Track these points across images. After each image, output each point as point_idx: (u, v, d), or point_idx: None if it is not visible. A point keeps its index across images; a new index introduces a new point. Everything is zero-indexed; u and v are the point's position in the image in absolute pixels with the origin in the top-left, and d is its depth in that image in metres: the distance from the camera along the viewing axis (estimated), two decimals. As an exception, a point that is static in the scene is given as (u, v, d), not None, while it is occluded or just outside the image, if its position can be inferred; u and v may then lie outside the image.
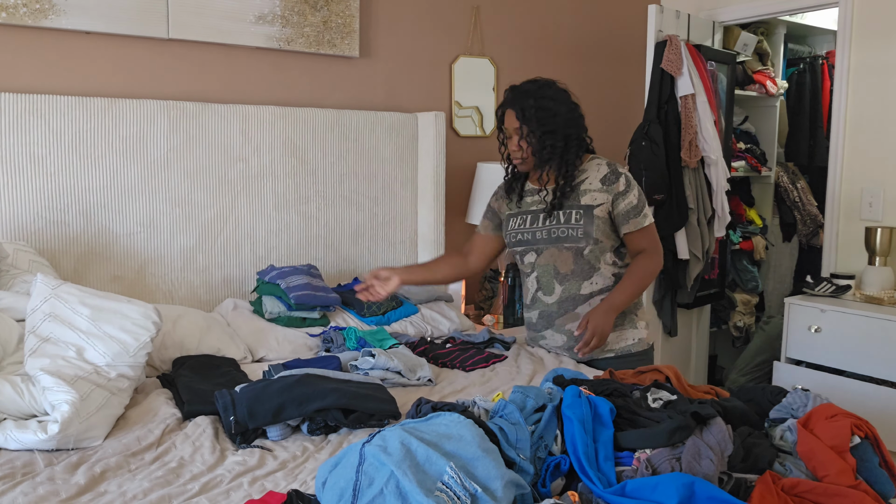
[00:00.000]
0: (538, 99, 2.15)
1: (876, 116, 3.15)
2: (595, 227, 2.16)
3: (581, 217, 2.16)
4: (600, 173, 2.19)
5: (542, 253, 2.24)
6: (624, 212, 2.17)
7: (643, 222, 2.19)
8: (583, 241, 2.16)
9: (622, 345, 2.24)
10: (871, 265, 3.04)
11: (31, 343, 1.78)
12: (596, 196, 2.17)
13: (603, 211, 2.17)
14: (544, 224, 2.22)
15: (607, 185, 2.17)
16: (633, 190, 2.18)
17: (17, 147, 2.29)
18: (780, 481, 1.30)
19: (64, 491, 1.41)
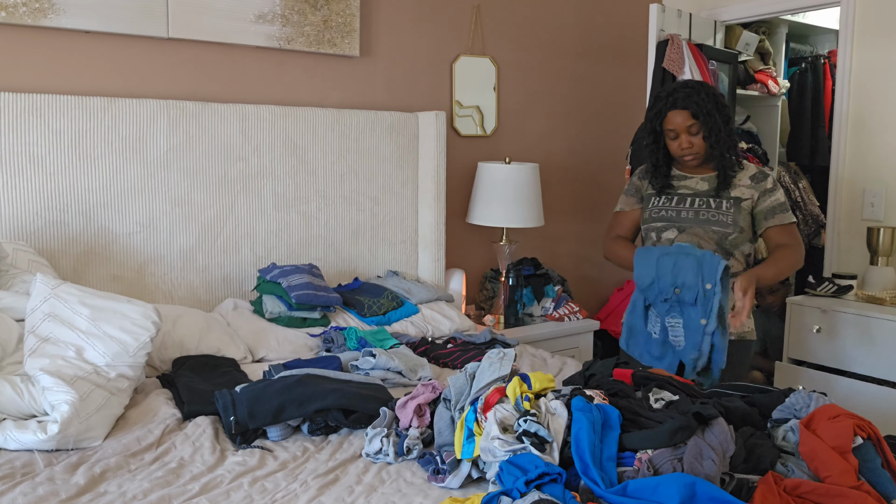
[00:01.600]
0: (713, 96, 2.24)
1: (878, 116, 3.14)
2: (742, 219, 2.25)
3: (731, 207, 2.25)
4: (749, 172, 2.30)
5: (685, 231, 2.28)
6: (770, 207, 2.26)
7: (788, 218, 2.27)
8: (731, 227, 2.24)
9: (740, 330, 2.28)
10: (872, 265, 3.04)
11: (31, 343, 1.78)
12: (744, 191, 2.27)
13: (748, 205, 2.26)
14: (692, 206, 2.29)
15: (755, 182, 2.27)
16: (779, 190, 2.29)
17: (16, 147, 2.29)
18: (783, 482, 1.30)
19: (64, 491, 1.41)
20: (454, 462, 1.49)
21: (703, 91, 2.24)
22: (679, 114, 2.24)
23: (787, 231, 2.27)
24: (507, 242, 3.13)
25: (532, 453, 1.35)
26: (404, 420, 1.66)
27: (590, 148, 3.75)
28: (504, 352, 1.64)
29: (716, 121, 2.22)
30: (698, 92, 2.23)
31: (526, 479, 1.27)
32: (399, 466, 1.55)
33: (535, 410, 1.44)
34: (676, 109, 2.24)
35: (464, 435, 1.49)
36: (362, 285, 2.74)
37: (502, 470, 1.33)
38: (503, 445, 1.38)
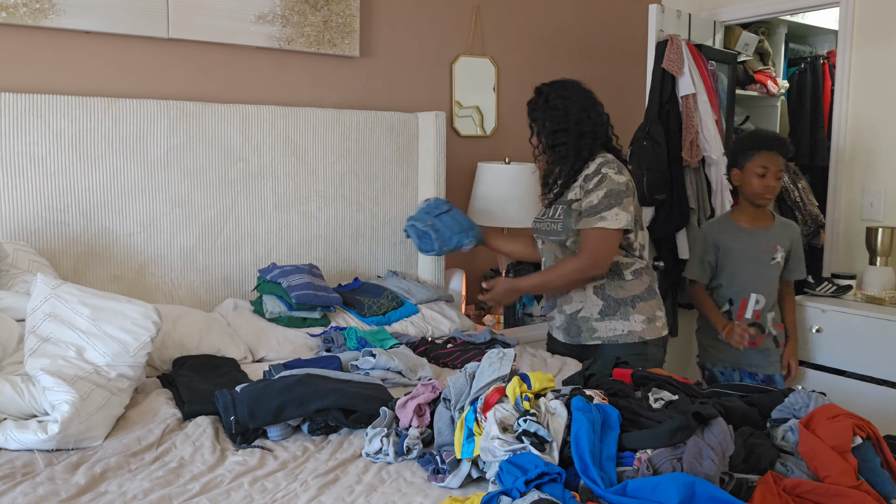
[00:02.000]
0: (549, 98, 2.26)
1: (877, 116, 3.15)
2: (573, 221, 2.25)
3: (562, 213, 2.28)
4: (589, 170, 2.25)
5: (544, 242, 2.41)
6: (582, 210, 2.24)
7: (589, 224, 2.21)
8: (562, 234, 2.28)
9: (609, 334, 2.30)
10: (872, 265, 3.04)
11: (31, 343, 1.78)
12: (577, 192, 2.26)
13: (579, 205, 2.25)
14: (543, 217, 2.39)
15: (586, 180, 2.24)
16: (599, 190, 2.20)
17: (16, 147, 2.29)
18: (782, 482, 1.30)
19: (64, 491, 1.41)
20: (454, 462, 1.49)
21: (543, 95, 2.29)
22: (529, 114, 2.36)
23: (585, 236, 2.22)
24: (506, 242, 3.13)
25: (532, 453, 1.35)
26: (404, 420, 1.66)
27: (589, 148, 3.75)
28: (504, 352, 1.64)
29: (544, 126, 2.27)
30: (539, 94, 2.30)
31: (526, 478, 1.27)
32: (399, 466, 1.55)
33: (534, 410, 1.44)
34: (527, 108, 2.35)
35: (463, 435, 1.50)
36: (362, 285, 2.74)
37: (502, 469, 1.33)
38: (503, 445, 1.38)
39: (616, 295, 2.29)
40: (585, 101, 2.28)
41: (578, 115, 2.25)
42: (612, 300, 2.29)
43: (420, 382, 2.05)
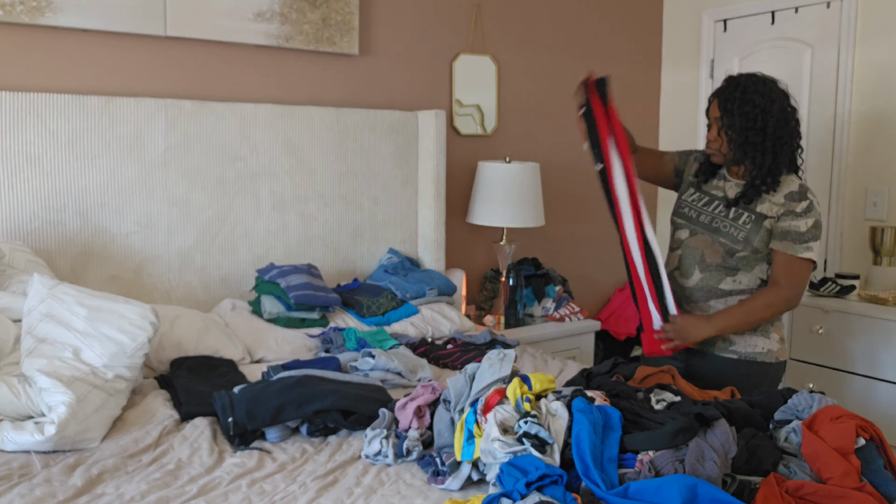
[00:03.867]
0: (746, 92, 2.05)
1: (880, 115, 3.13)
2: (758, 238, 2.07)
3: (750, 222, 2.08)
4: (789, 188, 2.08)
5: (695, 235, 2.18)
6: (784, 231, 2.05)
7: (795, 251, 2.03)
8: (740, 244, 2.09)
9: (748, 349, 2.13)
10: (875, 265, 3.03)
11: (28, 344, 1.77)
12: (773, 208, 2.07)
13: (771, 223, 2.07)
14: (712, 210, 2.16)
15: (788, 200, 2.06)
16: (808, 217, 2.04)
17: (13, 146, 2.28)
18: (785, 483, 1.29)
19: (61, 493, 1.40)
20: (454, 464, 1.48)
21: (741, 86, 2.06)
22: (714, 103, 2.13)
23: (785, 263, 2.05)
24: (507, 242, 3.12)
25: (533, 455, 1.34)
26: (404, 421, 1.65)
27: (590, 147, 3.74)
28: (504, 353, 1.63)
29: (735, 121, 2.05)
30: (736, 86, 2.07)
31: (526, 480, 1.26)
32: (398, 468, 1.54)
33: (535, 412, 1.43)
34: (715, 98, 2.13)
35: (464, 436, 1.48)
36: (361, 285, 2.73)
37: (503, 471, 1.32)
38: (503, 447, 1.37)
39: None
40: (785, 104, 2.08)
41: (778, 116, 2.05)
42: None
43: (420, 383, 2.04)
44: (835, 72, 3.25)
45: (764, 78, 2.09)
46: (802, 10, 3.35)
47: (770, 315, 2.09)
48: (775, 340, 2.15)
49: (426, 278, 2.76)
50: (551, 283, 3.30)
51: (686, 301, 2.19)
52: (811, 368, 2.96)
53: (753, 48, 3.55)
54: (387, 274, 2.78)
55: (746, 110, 2.04)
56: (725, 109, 2.07)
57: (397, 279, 2.72)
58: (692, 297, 2.18)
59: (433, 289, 2.71)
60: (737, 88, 2.07)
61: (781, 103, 2.07)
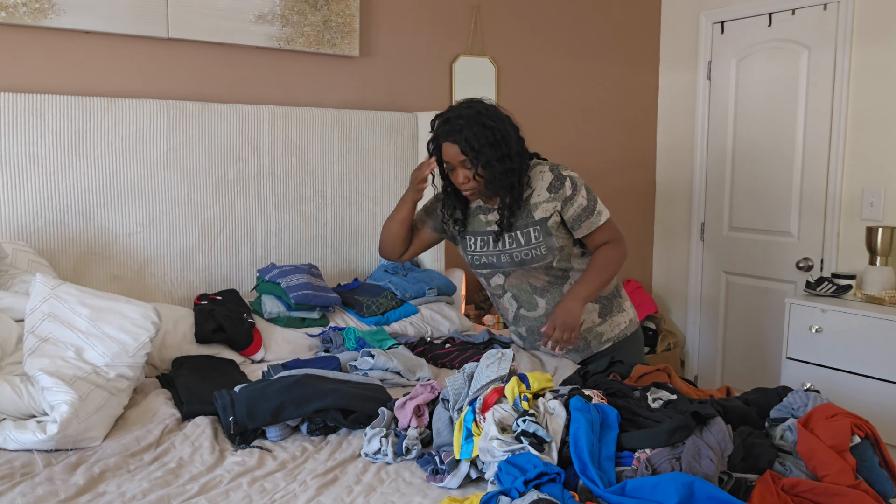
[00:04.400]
0: (482, 124, 1.98)
1: (877, 116, 3.15)
2: (556, 237, 2.09)
3: (539, 233, 2.08)
4: (545, 181, 2.08)
5: (510, 275, 2.18)
6: (575, 216, 2.08)
7: (598, 221, 2.10)
8: (548, 256, 2.11)
9: (616, 331, 2.24)
10: (872, 265, 3.04)
11: (31, 343, 1.78)
12: (546, 208, 2.07)
13: (554, 220, 2.08)
14: (506, 247, 2.12)
15: (553, 192, 2.07)
16: (579, 191, 2.07)
17: (16, 147, 2.29)
18: (781, 481, 1.30)
19: (63, 491, 1.41)
20: (453, 462, 1.49)
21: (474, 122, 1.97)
22: (450, 147, 2.01)
23: (601, 232, 2.11)
24: (506, 242, 3.13)
25: (531, 453, 1.35)
26: (403, 420, 1.66)
27: (590, 147, 3.75)
28: (502, 352, 1.64)
29: (486, 155, 1.97)
30: (470, 124, 1.96)
31: (525, 478, 1.27)
32: (398, 466, 1.55)
33: (533, 410, 1.44)
34: (447, 142, 2.01)
35: (462, 435, 1.50)
36: (361, 285, 2.74)
37: (501, 470, 1.33)
38: (502, 446, 1.38)
39: (605, 292, 2.23)
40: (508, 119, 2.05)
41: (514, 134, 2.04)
42: (603, 299, 2.23)
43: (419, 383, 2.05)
44: (831, 73, 3.26)
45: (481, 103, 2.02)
46: (799, 11, 3.37)
47: (615, 269, 2.12)
48: (629, 308, 2.29)
49: (426, 278, 2.77)
50: (550, 283, 3.31)
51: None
52: (808, 367, 2.98)
53: (750, 50, 3.57)
54: (387, 274, 2.80)
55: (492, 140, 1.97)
56: (471, 148, 1.97)
57: (397, 279, 2.73)
58: None
59: (433, 289, 2.72)
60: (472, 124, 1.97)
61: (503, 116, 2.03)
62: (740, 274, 3.71)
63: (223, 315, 2.26)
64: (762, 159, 3.56)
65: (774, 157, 3.51)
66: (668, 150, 3.99)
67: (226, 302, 2.41)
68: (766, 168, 3.54)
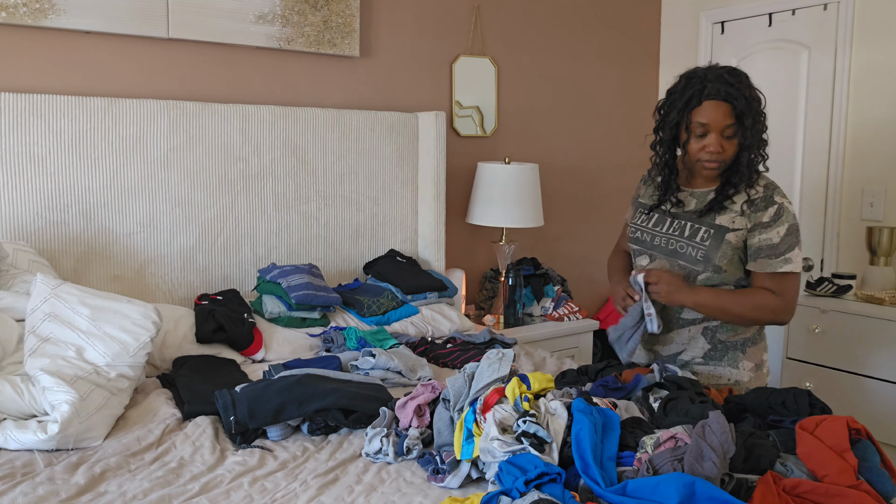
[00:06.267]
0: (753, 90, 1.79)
1: (877, 116, 3.15)
2: (721, 254, 1.82)
3: (709, 237, 1.83)
4: (751, 195, 1.83)
5: (655, 260, 1.95)
6: (758, 247, 1.81)
7: (778, 267, 1.79)
8: (700, 264, 1.84)
9: (712, 382, 1.93)
10: (872, 265, 3.04)
11: (31, 343, 1.78)
12: (734, 219, 1.83)
13: (738, 238, 1.82)
14: (669, 231, 1.91)
15: (751, 209, 1.81)
16: (778, 226, 1.79)
17: (16, 147, 2.29)
18: (782, 481, 1.30)
19: (64, 491, 1.41)
20: (454, 462, 1.50)
21: (752, 88, 1.78)
22: (719, 107, 1.76)
23: (772, 281, 1.82)
24: (506, 242, 3.13)
25: (531, 453, 1.35)
26: (404, 420, 1.66)
27: (590, 148, 3.75)
28: (503, 352, 1.64)
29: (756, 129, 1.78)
30: (748, 86, 1.77)
31: (525, 478, 1.27)
32: (399, 466, 1.55)
33: (534, 411, 1.44)
34: (717, 101, 1.76)
35: (463, 436, 1.50)
36: (362, 285, 2.74)
37: (502, 470, 1.34)
38: (502, 446, 1.38)
39: (726, 338, 1.92)
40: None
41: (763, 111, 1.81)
42: (720, 344, 1.92)
43: (420, 382, 2.05)
44: (832, 73, 3.27)
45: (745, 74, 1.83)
46: (800, 12, 3.37)
47: (754, 317, 1.85)
48: (746, 370, 1.92)
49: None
50: (550, 282, 3.32)
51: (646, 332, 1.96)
52: (808, 368, 2.98)
53: (751, 50, 3.57)
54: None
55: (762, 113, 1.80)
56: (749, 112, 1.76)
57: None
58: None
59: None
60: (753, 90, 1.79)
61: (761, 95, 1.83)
62: (740, 274, 3.71)
63: (224, 315, 2.26)
64: (762, 159, 3.56)
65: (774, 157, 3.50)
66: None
67: (226, 302, 2.41)
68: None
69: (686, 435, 1.37)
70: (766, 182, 1.86)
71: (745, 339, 1.93)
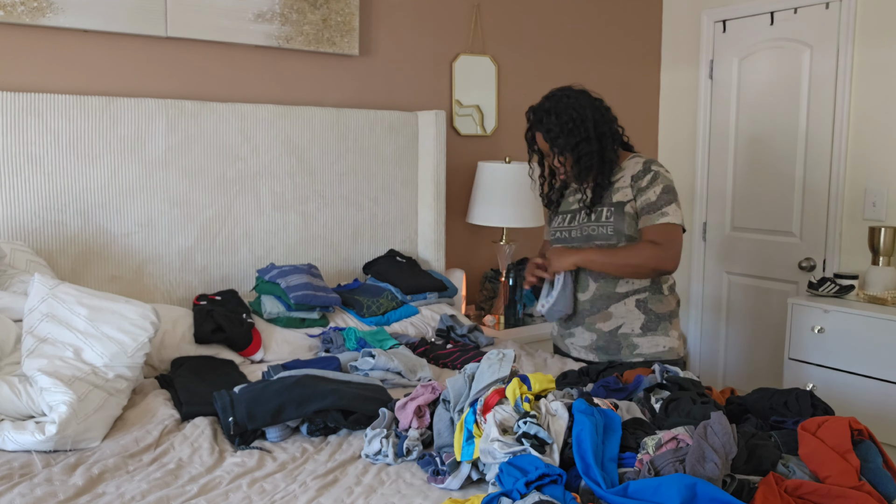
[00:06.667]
0: (558, 114, 2.12)
1: (879, 116, 3.14)
2: (626, 224, 2.13)
3: (612, 214, 2.14)
4: (634, 170, 2.16)
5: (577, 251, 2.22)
6: (640, 206, 2.13)
7: (656, 220, 2.10)
8: (613, 237, 2.14)
9: (652, 350, 2.18)
10: (874, 265, 3.03)
11: (29, 343, 1.77)
12: (626, 192, 2.14)
13: (632, 207, 2.13)
14: (580, 222, 2.21)
15: (635, 180, 2.14)
16: (655, 186, 2.12)
17: (14, 146, 2.28)
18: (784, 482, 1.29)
19: (62, 492, 1.40)
20: (454, 463, 1.49)
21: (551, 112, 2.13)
22: (538, 136, 2.19)
23: (654, 231, 2.09)
24: (506, 242, 3.12)
25: (532, 454, 1.34)
26: (404, 421, 1.65)
27: (590, 147, 3.74)
28: (503, 353, 1.63)
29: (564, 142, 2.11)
30: (548, 113, 2.13)
31: (526, 480, 1.26)
32: (398, 467, 1.55)
33: (534, 412, 1.43)
34: (537, 132, 2.18)
35: (463, 437, 1.49)
36: (361, 285, 2.73)
37: (502, 471, 1.33)
38: (503, 447, 1.37)
39: (657, 309, 2.19)
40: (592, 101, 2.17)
41: (593, 118, 2.14)
42: (653, 315, 2.19)
43: (420, 383, 2.04)
44: (834, 72, 3.26)
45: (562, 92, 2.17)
46: (801, 10, 3.36)
47: (645, 267, 2.10)
48: (675, 337, 2.21)
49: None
50: (551, 283, 3.31)
51: (588, 314, 2.22)
52: (810, 368, 2.97)
53: (752, 49, 3.56)
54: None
55: (569, 128, 2.11)
56: (551, 138, 2.13)
57: None
58: (593, 308, 2.21)
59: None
60: (549, 114, 2.13)
61: (586, 101, 2.15)
62: (742, 274, 3.70)
63: (222, 315, 2.25)
64: (764, 159, 3.55)
65: (776, 157, 3.50)
66: (669, 150, 3.98)
67: (225, 302, 2.40)
68: (769, 168, 3.53)
69: (688, 436, 1.36)
70: (644, 159, 2.18)
71: (671, 311, 2.23)
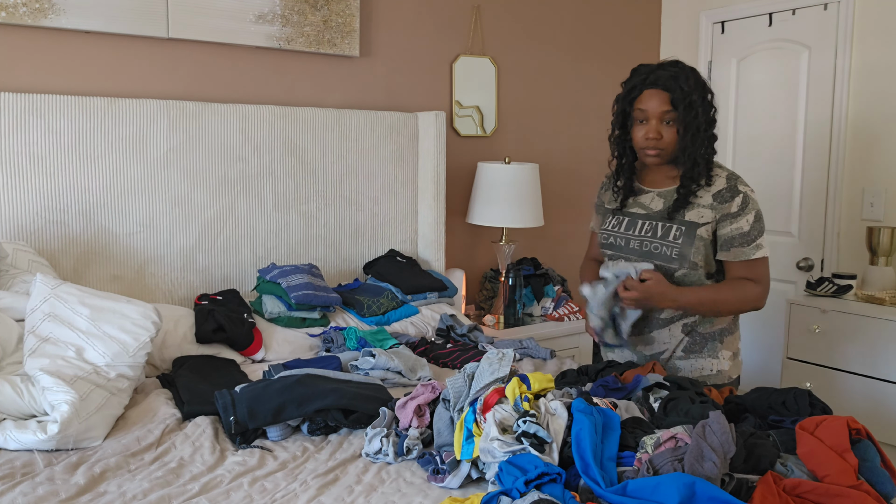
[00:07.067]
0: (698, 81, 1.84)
1: (877, 116, 3.15)
2: (694, 250, 1.87)
3: (681, 235, 1.87)
4: (715, 188, 1.88)
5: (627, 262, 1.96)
6: (728, 237, 1.86)
7: (750, 254, 1.85)
8: (675, 262, 1.88)
9: (695, 374, 1.97)
10: (872, 265, 3.04)
11: (31, 343, 1.78)
12: (703, 213, 1.87)
13: (707, 231, 1.87)
14: (642, 233, 1.94)
15: (719, 201, 1.86)
16: (747, 214, 1.85)
17: (16, 147, 2.29)
18: (782, 482, 1.30)
19: (63, 491, 1.41)
20: (454, 462, 1.49)
21: (692, 77, 1.84)
22: (656, 95, 1.85)
23: (746, 268, 1.87)
24: (506, 242, 3.13)
25: (532, 453, 1.35)
26: (404, 420, 1.66)
27: (590, 148, 3.75)
28: (503, 352, 1.64)
29: (696, 116, 1.82)
30: (687, 76, 1.83)
31: (525, 478, 1.27)
32: (399, 466, 1.55)
33: (534, 411, 1.44)
34: (655, 89, 1.85)
35: (463, 436, 1.50)
36: (362, 285, 2.74)
37: (502, 470, 1.33)
38: (502, 446, 1.38)
39: (703, 330, 1.96)
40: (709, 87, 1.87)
41: (712, 104, 1.86)
42: (698, 336, 1.96)
43: (420, 383, 2.05)
44: (832, 73, 3.26)
45: (693, 68, 1.89)
46: (800, 11, 3.37)
47: (740, 308, 1.90)
48: (725, 359, 1.98)
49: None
50: (550, 282, 3.32)
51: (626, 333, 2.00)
52: (808, 368, 2.98)
53: (751, 50, 3.57)
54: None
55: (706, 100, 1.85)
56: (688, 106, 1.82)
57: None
58: (634, 330, 1.99)
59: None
60: (691, 79, 1.84)
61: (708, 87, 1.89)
62: (740, 274, 3.71)
63: (223, 315, 2.26)
64: (762, 159, 3.56)
65: (775, 157, 3.51)
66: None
67: (226, 302, 2.41)
68: (767, 168, 3.53)
69: (686, 435, 1.37)
70: (727, 173, 1.91)
71: (721, 329, 1.98)
